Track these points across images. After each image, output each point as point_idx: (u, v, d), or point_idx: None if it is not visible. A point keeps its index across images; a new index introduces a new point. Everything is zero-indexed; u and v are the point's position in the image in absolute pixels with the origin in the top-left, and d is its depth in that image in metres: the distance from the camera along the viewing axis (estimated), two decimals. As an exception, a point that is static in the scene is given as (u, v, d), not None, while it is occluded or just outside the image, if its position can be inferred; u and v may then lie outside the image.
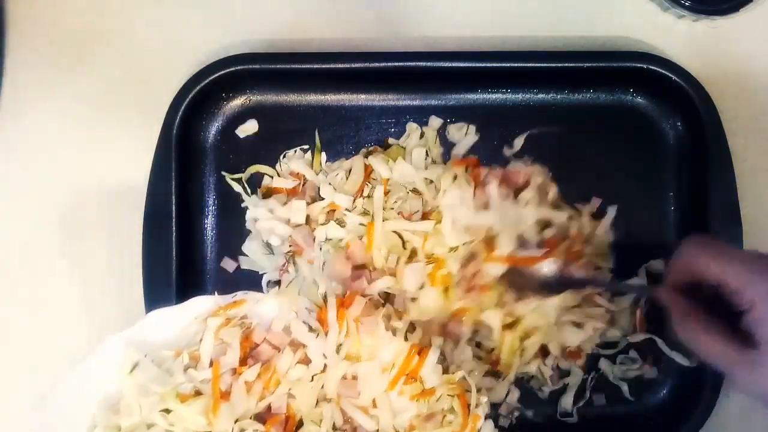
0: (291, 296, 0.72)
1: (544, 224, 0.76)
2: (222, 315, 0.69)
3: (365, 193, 0.77)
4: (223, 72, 0.75)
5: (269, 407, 0.68)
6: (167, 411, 0.65)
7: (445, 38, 0.80)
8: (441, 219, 0.74)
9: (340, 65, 0.76)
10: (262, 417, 0.67)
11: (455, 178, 0.76)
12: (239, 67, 0.75)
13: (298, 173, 0.78)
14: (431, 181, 0.77)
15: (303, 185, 0.78)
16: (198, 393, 0.67)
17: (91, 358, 0.66)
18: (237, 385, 0.67)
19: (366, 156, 0.78)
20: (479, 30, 0.80)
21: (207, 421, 0.65)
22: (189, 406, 0.65)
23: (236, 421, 0.66)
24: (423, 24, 0.80)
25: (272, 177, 0.79)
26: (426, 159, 0.78)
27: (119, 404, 0.66)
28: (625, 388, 0.78)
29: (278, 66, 0.76)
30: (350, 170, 0.78)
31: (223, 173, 0.78)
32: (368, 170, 0.78)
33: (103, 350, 0.67)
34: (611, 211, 0.78)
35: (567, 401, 0.77)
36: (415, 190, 0.77)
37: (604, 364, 0.78)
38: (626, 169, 0.79)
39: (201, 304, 0.70)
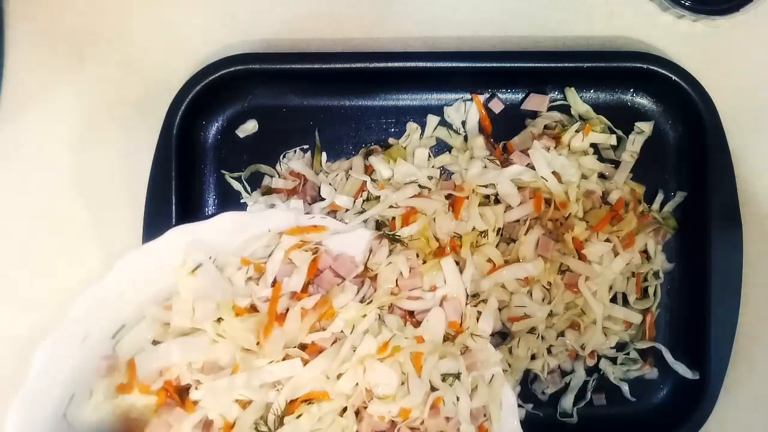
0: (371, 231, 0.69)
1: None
2: (298, 235, 0.66)
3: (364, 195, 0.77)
4: (223, 72, 0.75)
5: (317, 350, 0.65)
6: (219, 320, 0.63)
7: (445, 38, 0.80)
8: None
9: (340, 65, 0.76)
10: (303, 347, 0.65)
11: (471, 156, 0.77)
12: (239, 67, 0.75)
13: (298, 173, 0.78)
14: (431, 177, 0.77)
15: (303, 185, 0.78)
16: (254, 308, 0.65)
17: (153, 244, 0.64)
18: (293, 311, 0.64)
19: (366, 156, 0.78)
20: (479, 30, 0.80)
21: (256, 340, 0.63)
22: (242, 321, 0.63)
23: (284, 348, 0.64)
24: (423, 24, 0.80)
25: (272, 176, 0.79)
26: (429, 159, 0.78)
27: (172, 301, 0.64)
28: (625, 388, 0.78)
29: (278, 66, 0.76)
30: (350, 170, 0.78)
31: (223, 171, 0.78)
32: (369, 170, 0.78)
33: (167, 239, 0.64)
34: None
35: (567, 402, 0.77)
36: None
37: (604, 365, 0.78)
38: (626, 169, 0.79)
39: (279, 217, 0.67)
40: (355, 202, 0.76)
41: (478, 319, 0.70)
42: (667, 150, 0.80)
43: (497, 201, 0.76)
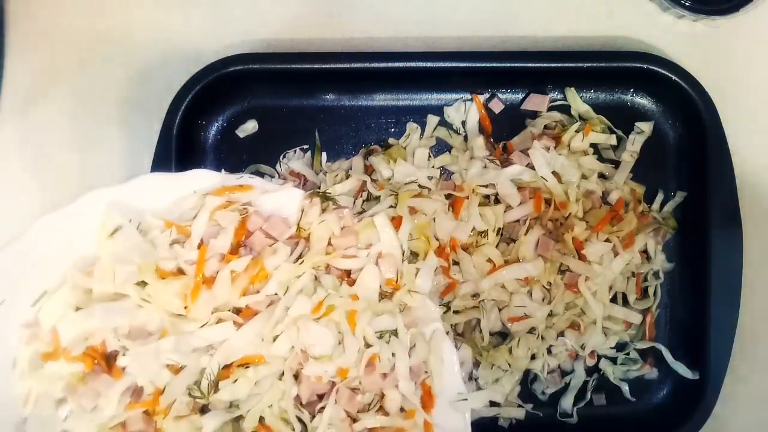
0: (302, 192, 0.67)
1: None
2: (224, 196, 0.64)
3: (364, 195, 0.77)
4: (223, 72, 0.75)
5: (252, 313, 0.63)
6: (143, 284, 0.61)
7: (445, 38, 0.80)
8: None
9: (340, 65, 0.76)
10: (238, 311, 0.63)
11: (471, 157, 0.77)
12: (239, 67, 0.75)
13: (298, 173, 0.78)
14: (431, 178, 0.77)
15: (303, 185, 0.78)
16: (180, 272, 0.62)
17: (69, 207, 0.61)
18: (223, 274, 0.62)
19: (366, 156, 0.78)
20: (479, 30, 0.80)
21: (184, 304, 0.61)
22: (167, 285, 0.60)
23: (213, 312, 0.62)
24: (423, 24, 0.80)
25: (272, 177, 0.79)
26: (429, 159, 0.78)
27: (94, 267, 0.62)
28: (625, 388, 0.78)
29: (278, 66, 0.76)
30: (350, 170, 0.78)
31: (223, 171, 0.78)
32: (369, 170, 0.78)
33: (84, 202, 0.61)
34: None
35: (567, 402, 0.77)
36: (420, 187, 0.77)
37: (604, 365, 0.78)
38: (626, 169, 0.79)
39: (204, 177, 0.65)
40: (355, 202, 0.76)
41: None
42: (667, 150, 0.79)
43: (497, 201, 0.76)
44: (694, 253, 0.77)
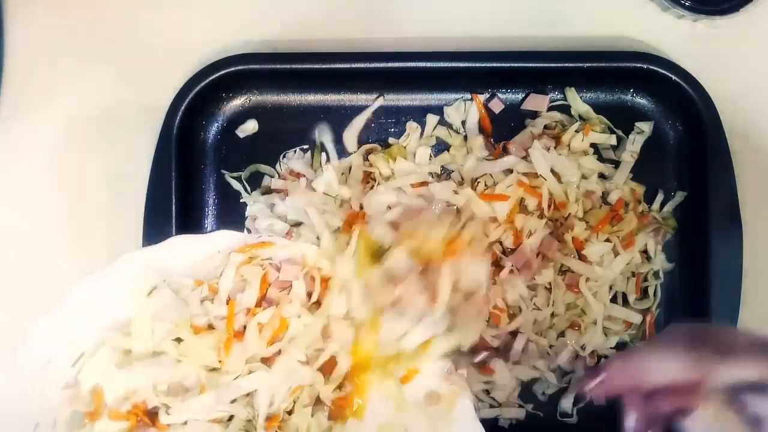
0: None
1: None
2: (247, 252, 0.67)
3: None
4: (223, 72, 0.75)
5: (276, 352, 0.66)
6: (179, 341, 0.64)
7: (445, 38, 0.80)
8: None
9: (340, 65, 0.76)
10: (266, 361, 0.66)
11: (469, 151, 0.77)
12: (239, 67, 0.75)
13: (298, 173, 0.78)
14: (433, 175, 0.77)
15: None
16: (211, 327, 0.65)
17: (106, 271, 0.64)
18: (251, 326, 0.65)
19: (365, 155, 0.78)
20: (479, 30, 0.80)
21: (218, 357, 0.63)
22: (201, 339, 0.63)
23: (245, 363, 0.64)
24: (423, 24, 0.80)
25: (272, 176, 0.79)
26: (430, 159, 0.78)
27: (131, 327, 0.64)
28: (625, 388, 0.78)
29: (278, 66, 0.76)
30: (350, 169, 0.78)
31: (223, 171, 0.79)
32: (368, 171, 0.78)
33: (120, 266, 0.64)
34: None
35: (567, 402, 0.77)
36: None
37: (605, 365, 0.78)
38: (626, 169, 0.79)
39: (227, 238, 0.68)
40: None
41: None
42: (667, 150, 0.79)
43: (497, 201, 0.76)
44: (694, 253, 0.77)
